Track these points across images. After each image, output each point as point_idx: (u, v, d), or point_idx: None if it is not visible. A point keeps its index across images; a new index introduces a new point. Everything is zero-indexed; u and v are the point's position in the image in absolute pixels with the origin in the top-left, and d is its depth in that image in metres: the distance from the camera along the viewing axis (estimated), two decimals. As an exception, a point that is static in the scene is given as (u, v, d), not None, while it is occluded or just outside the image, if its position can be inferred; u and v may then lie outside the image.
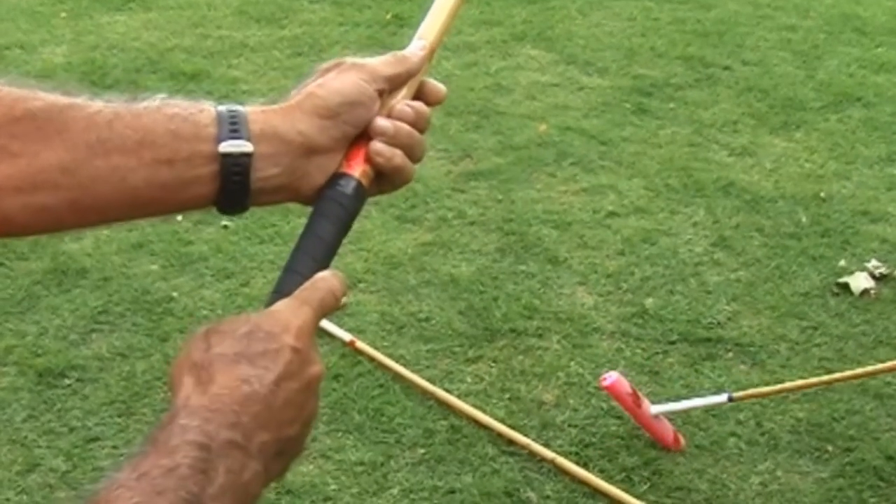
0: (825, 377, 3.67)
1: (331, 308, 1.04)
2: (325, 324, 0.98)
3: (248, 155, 1.10)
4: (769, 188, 5.12)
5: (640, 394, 3.54)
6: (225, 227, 4.69)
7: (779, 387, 3.63)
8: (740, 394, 3.56)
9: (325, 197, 1.16)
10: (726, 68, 6.41)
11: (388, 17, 6.76)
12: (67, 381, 3.79)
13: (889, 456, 3.57)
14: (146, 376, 3.80)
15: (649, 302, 4.26)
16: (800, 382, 3.64)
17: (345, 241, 1.16)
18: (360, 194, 1.17)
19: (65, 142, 1.06)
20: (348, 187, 1.16)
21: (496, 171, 5.21)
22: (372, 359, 3.87)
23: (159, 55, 6.32)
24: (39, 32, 6.60)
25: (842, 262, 4.54)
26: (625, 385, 3.51)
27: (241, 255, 4.49)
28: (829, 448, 3.60)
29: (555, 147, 5.44)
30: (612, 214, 4.87)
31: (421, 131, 1.21)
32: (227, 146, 1.10)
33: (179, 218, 4.73)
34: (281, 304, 1.04)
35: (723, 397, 3.52)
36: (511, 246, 4.61)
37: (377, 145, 1.17)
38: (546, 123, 5.67)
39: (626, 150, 5.44)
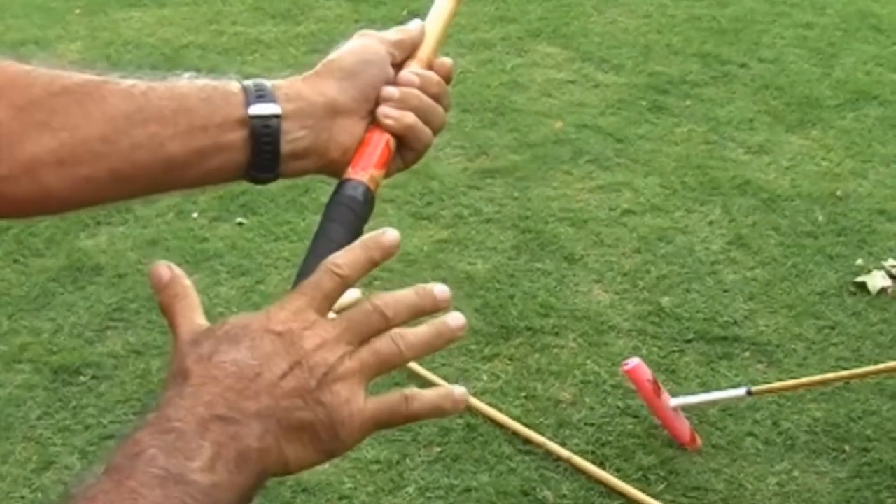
0: (844, 373, 3.65)
1: (331, 288, 0.98)
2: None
3: (277, 116, 1.15)
4: (786, 186, 5.10)
5: (660, 384, 3.54)
6: (240, 224, 4.69)
7: (797, 381, 3.63)
8: (759, 388, 3.55)
9: (334, 202, 1.17)
10: (742, 66, 6.38)
11: (404, 13, 6.74)
12: (82, 379, 3.79)
13: (907, 456, 3.56)
14: (161, 374, 3.80)
15: (665, 300, 4.25)
16: (819, 378, 3.63)
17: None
18: (369, 199, 1.18)
19: (104, 113, 1.09)
20: (357, 191, 1.17)
21: (512, 168, 5.20)
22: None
23: (174, 52, 6.33)
24: (54, 28, 6.61)
25: (859, 261, 4.52)
26: (646, 372, 3.52)
27: (257, 253, 4.49)
28: (846, 448, 3.59)
29: (571, 144, 5.43)
30: (628, 212, 4.86)
31: (433, 97, 1.24)
32: (256, 109, 1.14)
33: (195, 215, 4.74)
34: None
35: (741, 391, 3.52)
36: (527, 243, 4.60)
37: (384, 109, 1.21)
38: (562, 121, 5.66)
39: (642, 148, 5.43)
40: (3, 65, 1.10)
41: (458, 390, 1.00)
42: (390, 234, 1.00)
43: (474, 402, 3.68)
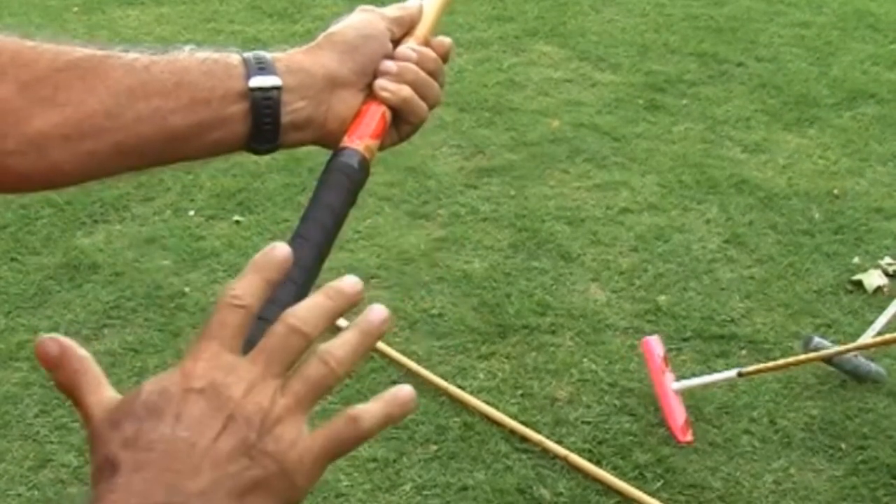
0: (831, 350, 3.69)
1: (236, 323, 0.87)
2: (339, 321, 0.94)
3: (277, 88, 1.16)
4: (782, 185, 5.10)
5: (669, 366, 3.60)
6: (237, 222, 4.69)
7: (786, 360, 3.66)
8: (748, 369, 3.61)
9: (329, 168, 1.19)
10: (739, 64, 6.39)
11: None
12: (80, 377, 3.78)
13: (903, 454, 3.56)
14: (158, 372, 3.77)
15: (662, 299, 4.25)
16: (805, 356, 3.68)
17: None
18: (364, 167, 1.20)
19: (108, 88, 1.10)
20: (353, 159, 1.19)
21: (509, 167, 5.20)
22: (384, 355, 3.86)
23: (171, 50, 6.32)
24: (52, 27, 6.60)
25: (855, 260, 4.53)
26: (659, 348, 3.67)
27: (254, 250, 4.41)
28: (843, 446, 3.59)
29: (568, 143, 5.43)
30: (625, 211, 4.86)
31: (430, 73, 1.26)
32: (257, 81, 1.15)
33: (192, 213, 4.74)
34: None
35: (732, 373, 3.60)
36: (524, 242, 4.60)
37: (381, 81, 1.24)
38: (559, 119, 5.66)
39: (639, 147, 5.43)
40: (7, 41, 1.11)
41: (403, 392, 0.89)
42: (278, 251, 0.91)
43: (471, 400, 3.69)
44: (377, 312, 0.89)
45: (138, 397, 0.84)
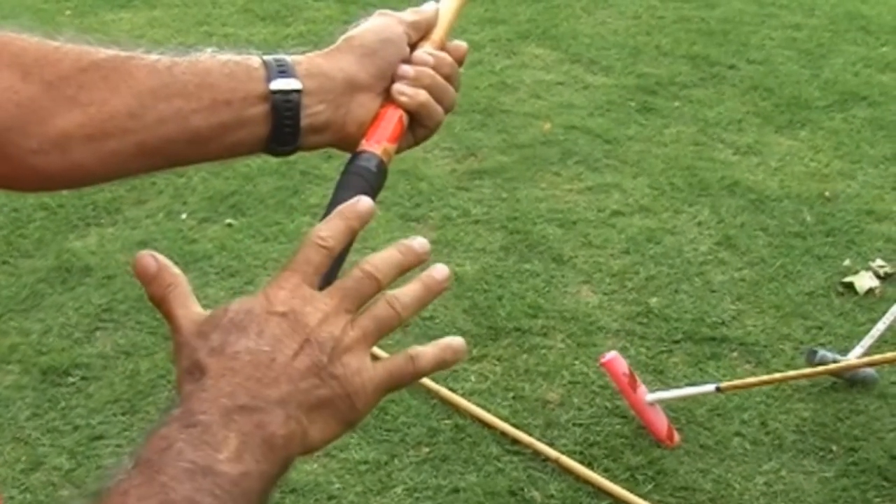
0: (819, 369, 3.68)
1: (319, 261, 0.99)
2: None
3: (297, 91, 1.18)
4: (774, 187, 5.11)
5: (637, 379, 3.57)
6: (229, 225, 4.69)
7: (764, 377, 3.65)
8: (727, 384, 3.60)
9: (348, 172, 1.20)
10: (731, 67, 6.40)
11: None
12: (71, 380, 3.79)
13: (893, 455, 3.56)
14: (150, 374, 3.80)
15: (654, 301, 4.26)
16: (786, 374, 3.66)
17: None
18: (382, 170, 1.21)
19: (131, 88, 1.12)
20: (371, 162, 1.20)
21: (501, 169, 5.20)
22: (375, 357, 3.84)
23: (164, 53, 6.31)
24: (44, 30, 6.59)
25: (846, 262, 4.53)
26: (622, 365, 3.58)
27: (246, 254, 4.49)
28: (834, 448, 3.60)
29: (559, 146, 5.44)
30: (616, 213, 4.86)
31: (445, 77, 1.27)
32: (278, 84, 1.17)
33: (184, 216, 4.74)
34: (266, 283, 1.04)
35: (710, 387, 3.58)
36: (515, 245, 4.60)
37: (399, 86, 1.25)
38: (551, 122, 5.67)
39: (631, 149, 5.44)
40: (32, 41, 1.15)
41: (456, 341, 1.04)
42: (364, 202, 1.02)
43: (462, 402, 3.69)
44: (440, 271, 1.03)
45: (225, 314, 0.95)
